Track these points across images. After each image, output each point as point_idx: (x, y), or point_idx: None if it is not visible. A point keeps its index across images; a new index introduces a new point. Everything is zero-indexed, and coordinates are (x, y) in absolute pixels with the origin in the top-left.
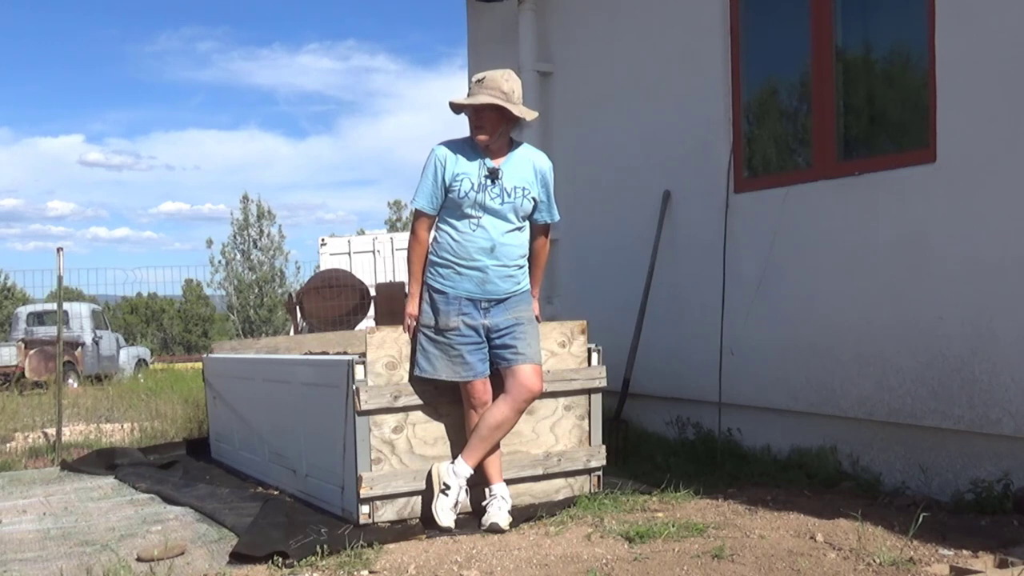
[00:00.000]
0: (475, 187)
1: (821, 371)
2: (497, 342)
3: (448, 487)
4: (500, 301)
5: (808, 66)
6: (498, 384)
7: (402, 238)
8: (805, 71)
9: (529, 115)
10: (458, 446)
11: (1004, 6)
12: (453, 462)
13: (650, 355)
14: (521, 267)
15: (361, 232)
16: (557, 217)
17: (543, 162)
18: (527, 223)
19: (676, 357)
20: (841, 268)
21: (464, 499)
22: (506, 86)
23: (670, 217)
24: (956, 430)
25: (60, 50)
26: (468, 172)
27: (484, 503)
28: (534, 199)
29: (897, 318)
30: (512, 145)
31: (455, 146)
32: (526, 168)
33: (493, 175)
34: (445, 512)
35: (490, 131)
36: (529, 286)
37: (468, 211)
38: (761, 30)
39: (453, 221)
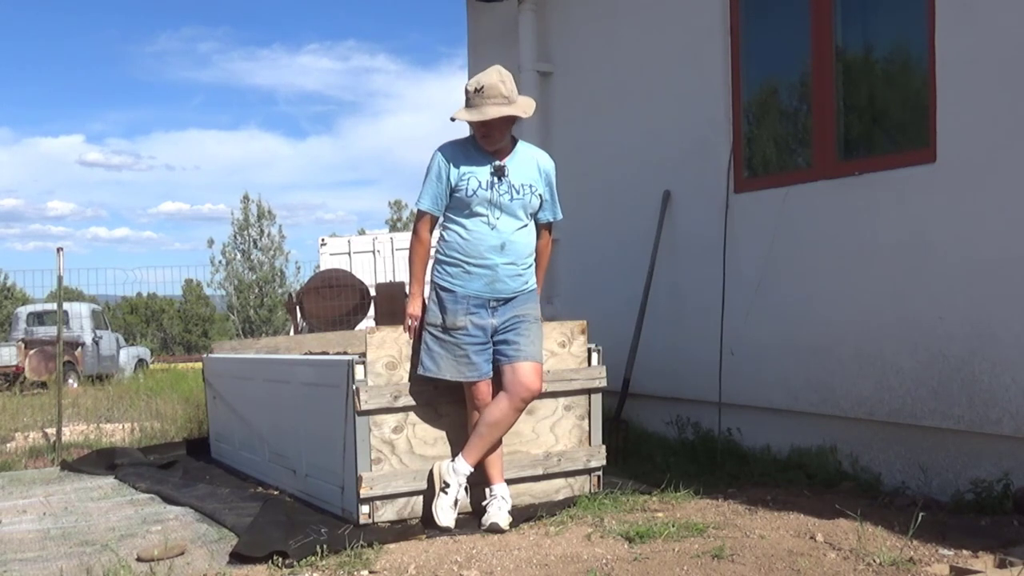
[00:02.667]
0: (483, 185)
1: (821, 371)
2: (498, 338)
3: (447, 485)
4: (508, 300)
5: (808, 66)
6: (498, 383)
7: (402, 238)
8: (805, 71)
9: (529, 111)
10: (458, 446)
11: (1004, 6)
12: (453, 460)
13: (650, 355)
14: (529, 266)
15: (361, 232)
16: (561, 215)
17: (546, 161)
18: (533, 222)
19: (676, 357)
20: (841, 268)
21: (464, 498)
22: (505, 89)
23: (670, 217)
24: (956, 430)
25: (60, 50)
26: (474, 171)
27: (484, 503)
28: (540, 196)
29: (897, 318)
30: (514, 143)
31: (459, 146)
32: (531, 166)
33: (499, 172)
34: (444, 511)
35: (499, 138)
36: (536, 285)
37: (477, 209)
38: (761, 30)
39: (462, 220)
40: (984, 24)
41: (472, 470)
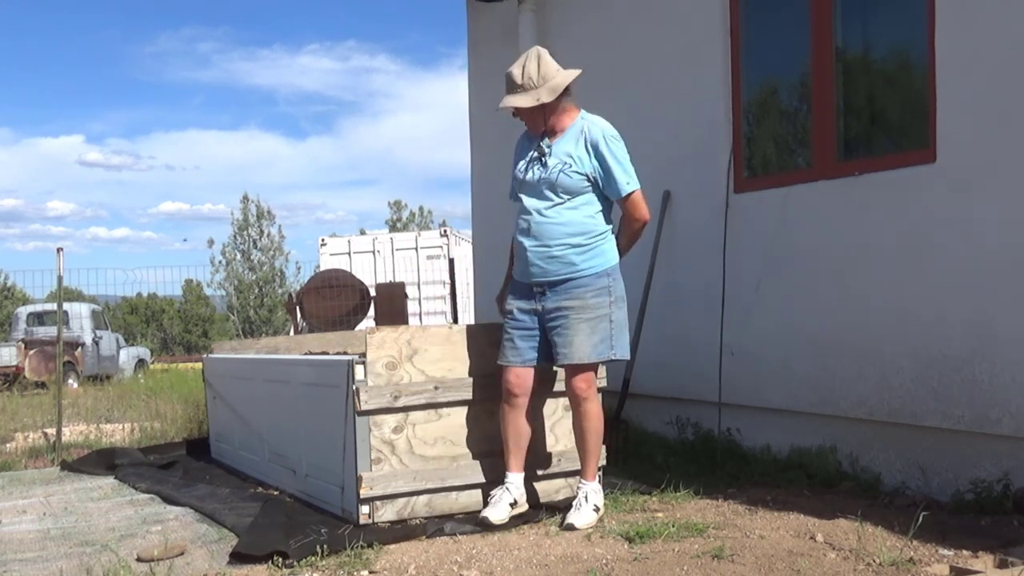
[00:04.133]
0: (521, 169)
1: (821, 371)
2: (547, 329)
3: (597, 507)
4: (555, 284)
5: (808, 66)
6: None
7: (402, 238)
8: (805, 71)
9: (548, 95)
10: (459, 445)
11: (1004, 6)
12: (583, 485)
13: (650, 355)
14: (575, 246)
15: (361, 232)
16: (626, 189)
17: (595, 131)
18: (580, 198)
19: (676, 357)
20: (841, 268)
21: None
22: (520, 78)
23: (670, 217)
24: (956, 430)
25: (60, 50)
26: (524, 155)
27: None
28: (583, 173)
29: (897, 318)
30: (575, 118)
31: (526, 133)
32: (573, 142)
33: (540, 153)
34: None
35: (531, 123)
36: (602, 267)
37: (519, 193)
38: (761, 30)
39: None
40: (984, 24)
41: (596, 481)
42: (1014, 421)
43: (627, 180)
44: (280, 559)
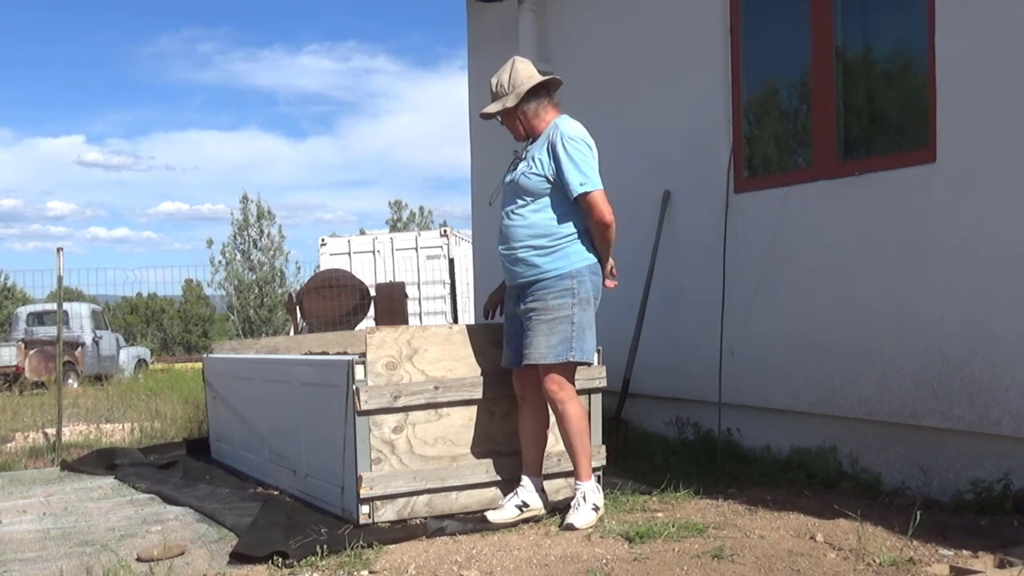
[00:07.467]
0: (504, 174)
1: (821, 371)
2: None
3: (596, 507)
4: (526, 287)
5: (808, 66)
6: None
7: (402, 238)
8: (805, 71)
9: (513, 100)
10: (459, 445)
11: (1004, 6)
12: (578, 485)
13: (650, 355)
14: (537, 248)
15: (361, 232)
16: (578, 190)
17: (556, 132)
18: (543, 200)
19: (676, 357)
20: (841, 268)
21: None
22: (494, 86)
23: (670, 217)
24: (956, 430)
25: (60, 50)
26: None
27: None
28: (542, 175)
29: (897, 318)
30: (551, 122)
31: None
32: (540, 145)
33: (516, 157)
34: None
35: (511, 129)
36: (565, 269)
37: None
38: (761, 30)
39: None
40: (984, 24)
41: (593, 481)
42: (1014, 421)
43: (580, 180)
44: (280, 559)
